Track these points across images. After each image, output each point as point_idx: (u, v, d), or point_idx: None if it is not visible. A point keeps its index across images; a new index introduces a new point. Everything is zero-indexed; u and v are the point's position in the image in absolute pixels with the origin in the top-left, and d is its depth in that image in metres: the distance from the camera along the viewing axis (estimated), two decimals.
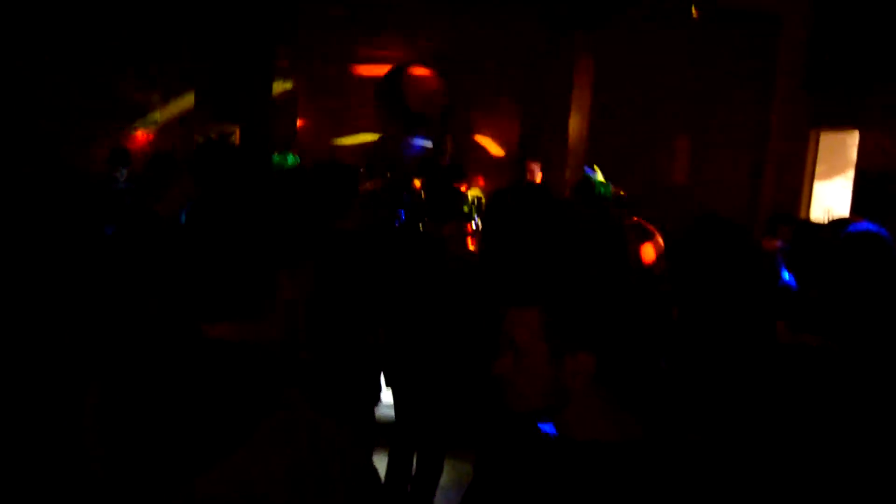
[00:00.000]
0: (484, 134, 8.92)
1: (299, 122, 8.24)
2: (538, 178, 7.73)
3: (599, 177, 5.92)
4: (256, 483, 1.08)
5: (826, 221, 4.23)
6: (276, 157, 7.11)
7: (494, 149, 8.96)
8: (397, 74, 8.31)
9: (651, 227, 4.30)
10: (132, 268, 2.68)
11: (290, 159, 7.20)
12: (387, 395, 4.14)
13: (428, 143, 8.26)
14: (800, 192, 8.04)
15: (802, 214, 7.83)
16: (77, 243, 3.37)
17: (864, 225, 3.05)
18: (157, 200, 3.23)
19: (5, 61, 7.08)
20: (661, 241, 4.19)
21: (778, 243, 4.30)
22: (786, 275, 3.51)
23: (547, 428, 1.38)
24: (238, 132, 8.02)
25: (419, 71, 8.33)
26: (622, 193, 6.01)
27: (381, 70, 8.34)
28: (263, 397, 1.15)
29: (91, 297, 2.57)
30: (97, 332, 2.45)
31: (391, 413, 4.09)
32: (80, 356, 2.37)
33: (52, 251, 3.40)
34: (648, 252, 4.15)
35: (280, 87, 8.07)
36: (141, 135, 7.74)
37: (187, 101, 7.92)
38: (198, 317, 1.22)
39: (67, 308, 2.63)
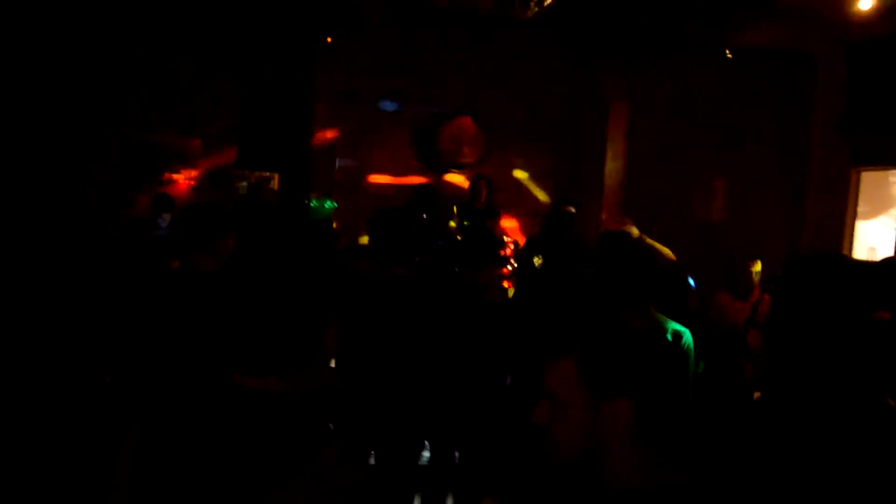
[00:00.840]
0: (520, 180, 8.97)
1: (337, 168, 8.37)
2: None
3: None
4: None
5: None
6: (314, 203, 7.21)
7: (530, 195, 8.98)
8: (433, 121, 8.42)
9: None
10: (171, 319, 2.64)
11: (328, 205, 7.29)
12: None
13: (463, 189, 8.31)
14: (841, 232, 7.91)
15: (845, 253, 7.68)
16: (113, 291, 3.44)
17: None
18: (202, 252, 2.92)
19: (48, 113, 7.33)
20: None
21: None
22: None
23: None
24: (277, 179, 8.16)
25: (455, 117, 8.42)
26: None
27: (417, 116, 8.46)
28: (296, 451, 1.16)
29: (130, 345, 2.61)
30: (137, 380, 2.49)
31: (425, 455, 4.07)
32: (117, 404, 2.41)
33: (90, 300, 3.48)
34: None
35: (319, 133, 8.21)
36: (182, 182, 7.91)
37: (228, 148, 8.09)
38: (238, 369, 1.24)
39: (106, 355, 2.69)
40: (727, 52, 7.98)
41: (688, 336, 2.96)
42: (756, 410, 2.03)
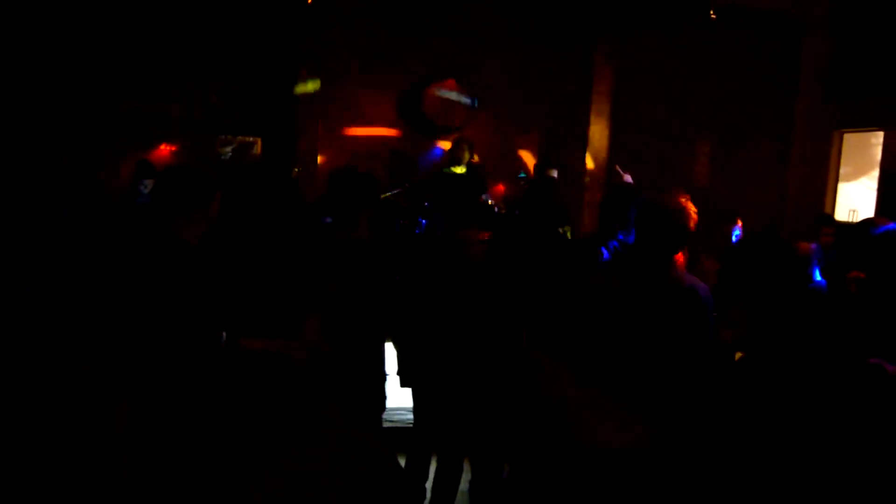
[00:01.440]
0: (504, 142, 8.92)
1: (321, 134, 8.30)
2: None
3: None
4: (301, 487, 1.10)
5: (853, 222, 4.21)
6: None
7: (515, 158, 8.96)
8: (418, 84, 8.35)
9: None
10: (158, 287, 2.56)
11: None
12: (405, 399, 4.14)
13: (446, 152, 8.29)
14: (824, 192, 7.98)
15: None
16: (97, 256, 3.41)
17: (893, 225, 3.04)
18: (186, 219, 2.69)
19: (29, 78, 7.20)
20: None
21: (812, 245, 4.27)
22: (818, 276, 3.48)
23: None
24: (259, 143, 8.09)
25: (439, 81, 8.36)
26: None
27: (402, 80, 8.38)
28: (300, 406, 1.17)
29: (124, 310, 2.59)
30: (130, 342, 2.47)
31: (409, 417, 4.10)
32: (112, 368, 2.40)
33: (80, 265, 3.45)
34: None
35: (302, 98, 8.13)
36: (164, 148, 7.83)
37: (210, 112, 8.00)
38: (238, 332, 1.24)
39: (102, 319, 2.67)
40: (711, 12, 7.93)
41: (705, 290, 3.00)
42: (734, 372, 2.08)
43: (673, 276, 2.98)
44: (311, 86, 8.09)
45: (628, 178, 6.12)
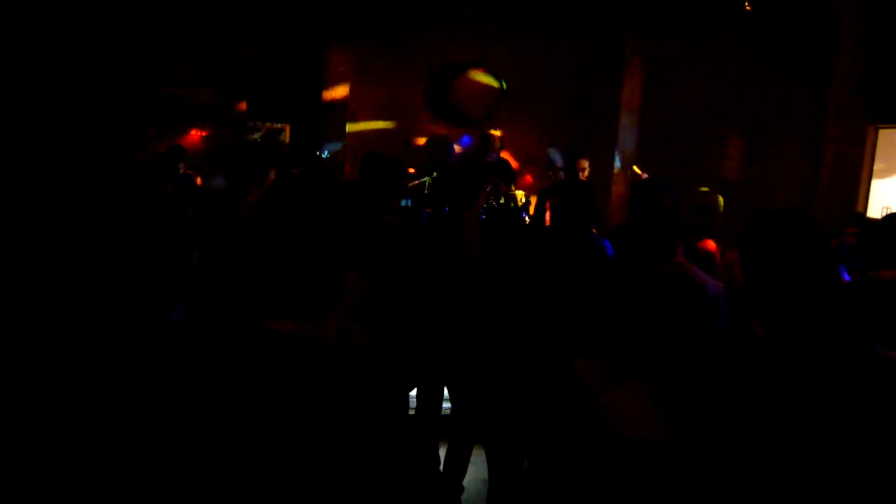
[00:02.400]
0: (533, 132, 8.88)
1: (348, 121, 8.32)
2: (586, 174, 7.66)
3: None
4: (324, 469, 1.11)
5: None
6: (326, 154, 7.22)
7: (542, 148, 8.92)
8: (446, 73, 8.33)
9: None
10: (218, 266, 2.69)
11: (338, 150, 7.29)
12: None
13: (475, 141, 8.27)
14: (857, 189, 7.85)
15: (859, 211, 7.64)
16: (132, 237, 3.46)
17: None
18: (242, 200, 3.08)
19: (63, 67, 7.29)
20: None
21: (833, 242, 4.23)
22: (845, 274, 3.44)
23: None
24: (288, 130, 8.14)
25: (466, 70, 8.34)
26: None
27: (430, 69, 8.37)
28: (327, 390, 1.18)
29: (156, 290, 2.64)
30: (160, 320, 2.53)
31: (447, 405, 4.13)
32: (142, 346, 2.45)
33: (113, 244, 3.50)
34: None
35: (331, 84, 8.15)
36: (194, 133, 7.90)
37: (240, 98, 8.06)
38: (265, 313, 1.25)
39: (133, 297, 2.71)
40: (746, 4, 7.82)
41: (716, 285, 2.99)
42: (759, 366, 2.05)
43: (684, 273, 2.97)
44: (339, 74, 8.11)
45: (647, 177, 6.12)
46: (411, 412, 4.18)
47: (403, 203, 5.92)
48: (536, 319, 3.59)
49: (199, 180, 6.70)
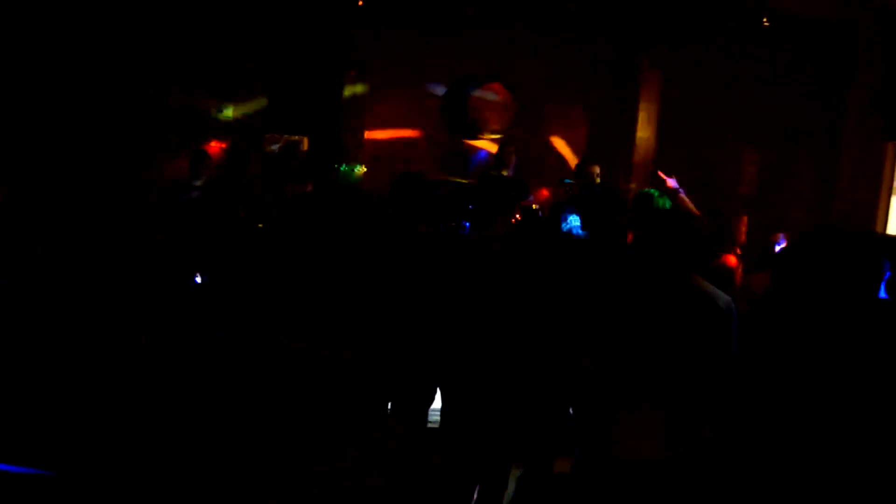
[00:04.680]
0: (550, 146, 8.91)
1: (367, 134, 8.37)
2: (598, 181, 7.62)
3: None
4: (356, 482, 1.12)
5: None
6: (343, 168, 7.25)
7: (559, 163, 8.94)
8: (462, 87, 8.37)
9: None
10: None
11: (358, 169, 7.33)
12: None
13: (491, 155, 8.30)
14: (875, 206, 7.81)
15: (878, 229, 7.60)
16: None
17: None
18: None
19: (83, 77, 7.37)
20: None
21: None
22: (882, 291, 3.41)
23: None
24: (306, 142, 8.19)
25: (483, 84, 8.37)
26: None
27: (448, 81, 8.41)
28: (355, 405, 1.19)
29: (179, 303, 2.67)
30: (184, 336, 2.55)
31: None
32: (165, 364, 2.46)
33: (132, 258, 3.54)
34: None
35: (348, 98, 8.21)
36: (214, 145, 7.96)
37: (258, 110, 8.12)
38: (287, 333, 1.26)
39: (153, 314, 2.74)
40: (764, 19, 7.82)
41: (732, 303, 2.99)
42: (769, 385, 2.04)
43: (693, 286, 2.97)
44: (357, 86, 8.17)
45: (672, 182, 6.08)
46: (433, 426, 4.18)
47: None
48: (555, 336, 3.60)
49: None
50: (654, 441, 2.60)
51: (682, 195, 5.88)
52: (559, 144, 8.93)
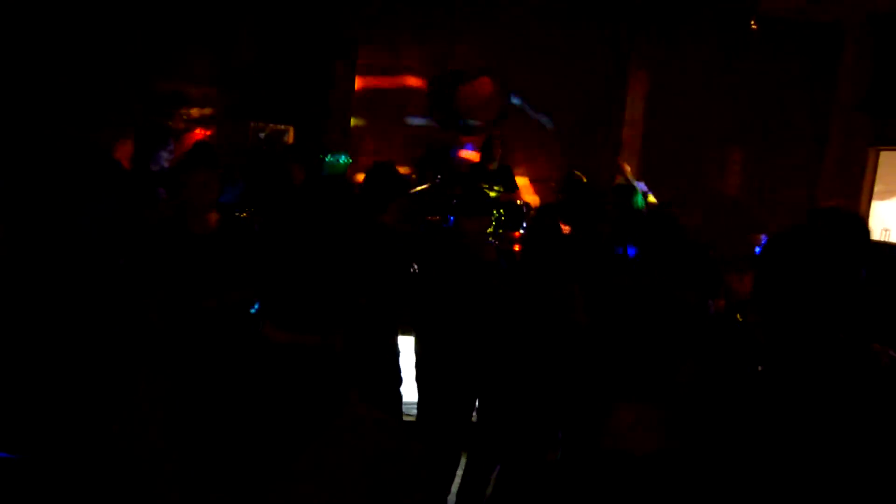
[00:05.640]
0: (535, 142, 8.90)
1: (353, 124, 8.33)
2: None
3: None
4: (333, 477, 1.11)
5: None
6: (328, 158, 7.20)
7: (545, 158, 8.94)
8: (450, 79, 8.35)
9: None
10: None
11: (343, 160, 7.29)
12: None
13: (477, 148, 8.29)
14: (856, 209, 7.87)
15: None
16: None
17: None
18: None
19: (62, 64, 7.27)
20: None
21: None
22: None
23: None
24: (292, 132, 8.14)
25: (472, 76, 8.35)
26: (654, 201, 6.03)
27: (436, 74, 8.38)
28: (333, 397, 1.18)
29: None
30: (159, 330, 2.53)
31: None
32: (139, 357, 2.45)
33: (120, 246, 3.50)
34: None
35: (335, 88, 8.16)
36: (199, 132, 7.89)
37: (244, 98, 8.05)
38: (270, 323, 1.24)
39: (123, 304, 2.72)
40: (752, 22, 7.85)
41: None
42: (756, 381, 2.05)
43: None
44: (344, 76, 8.12)
45: (642, 185, 6.11)
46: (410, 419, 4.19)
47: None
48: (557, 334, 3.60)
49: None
50: (645, 434, 2.60)
51: (651, 196, 5.94)
52: (545, 140, 8.93)
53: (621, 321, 2.95)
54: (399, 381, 3.97)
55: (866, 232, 2.78)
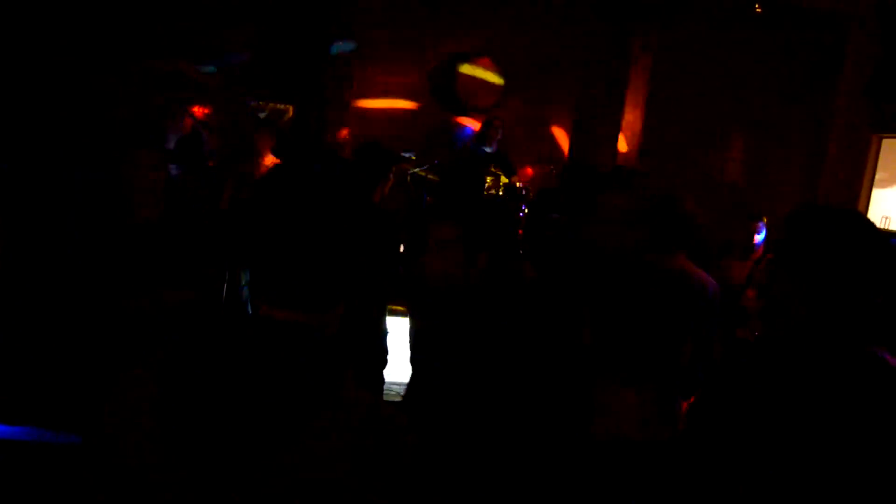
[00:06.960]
0: (535, 125, 8.87)
1: (352, 104, 8.30)
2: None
3: None
4: (326, 460, 1.09)
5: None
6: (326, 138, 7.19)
7: (544, 142, 8.91)
8: (450, 62, 8.30)
9: None
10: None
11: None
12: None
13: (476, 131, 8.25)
14: (857, 197, 7.83)
15: None
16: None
17: None
18: None
19: (67, 44, 7.22)
20: None
21: None
22: None
23: None
24: (291, 111, 8.11)
25: (472, 60, 8.30)
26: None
27: (433, 55, 8.34)
28: (327, 379, 1.16)
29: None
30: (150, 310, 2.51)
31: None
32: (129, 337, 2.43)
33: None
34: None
35: (334, 69, 8.12)
36: (198, 109, 7.86)
37: (244, 78, 8.01)
38: (265, 301, 1.22)
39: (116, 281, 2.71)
40: (756, 5, 7.79)
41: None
42: (748, 369, 2.02)
43: (681, 270, 2.98)
44: (343, 57, 8.08)
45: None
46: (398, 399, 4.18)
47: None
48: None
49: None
50: (635, 420, 2.60)
51: None
52: (545, 124, 8.89)
53: (623, 303, 2.93)
54: (384, 362, 3.95)
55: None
